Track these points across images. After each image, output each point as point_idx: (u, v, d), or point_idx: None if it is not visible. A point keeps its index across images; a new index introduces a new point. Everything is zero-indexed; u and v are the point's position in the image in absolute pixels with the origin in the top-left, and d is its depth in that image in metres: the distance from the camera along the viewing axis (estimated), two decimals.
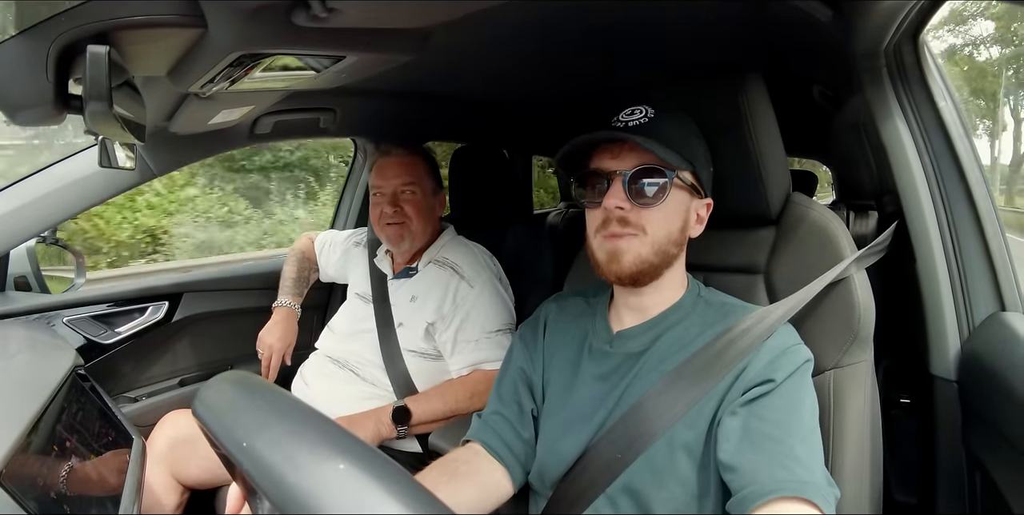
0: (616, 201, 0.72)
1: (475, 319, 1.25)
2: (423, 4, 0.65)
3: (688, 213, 0.77)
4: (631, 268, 0.74)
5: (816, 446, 0.67)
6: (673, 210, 0.75)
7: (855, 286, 0.78)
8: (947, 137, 0.91)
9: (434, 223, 1.39)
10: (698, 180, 0.77)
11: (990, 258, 0.88)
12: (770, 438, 0.64)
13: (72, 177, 1.19)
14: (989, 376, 0.79)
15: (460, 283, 1.28)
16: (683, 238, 0.77)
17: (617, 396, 0.76)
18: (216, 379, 0.38)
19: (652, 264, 0.74)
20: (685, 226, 0.77)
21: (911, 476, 1.00)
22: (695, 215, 0.78)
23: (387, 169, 1.32)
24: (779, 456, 0.63)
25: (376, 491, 0.28)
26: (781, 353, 0.71)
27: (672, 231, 0.75)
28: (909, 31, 0.88)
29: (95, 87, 0.57)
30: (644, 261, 0.74)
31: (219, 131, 1.30)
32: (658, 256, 0.74)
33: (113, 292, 1.47)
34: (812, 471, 0.63)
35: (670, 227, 0.75)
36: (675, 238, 0.76)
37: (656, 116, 0.75)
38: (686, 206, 0.77)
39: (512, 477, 0.82)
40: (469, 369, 1.25)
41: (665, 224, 0.74)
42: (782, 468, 0.62)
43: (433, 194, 1.37)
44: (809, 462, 0.64)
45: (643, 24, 0.98)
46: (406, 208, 1.30)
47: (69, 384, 0.89)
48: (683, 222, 0.77)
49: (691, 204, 0.78)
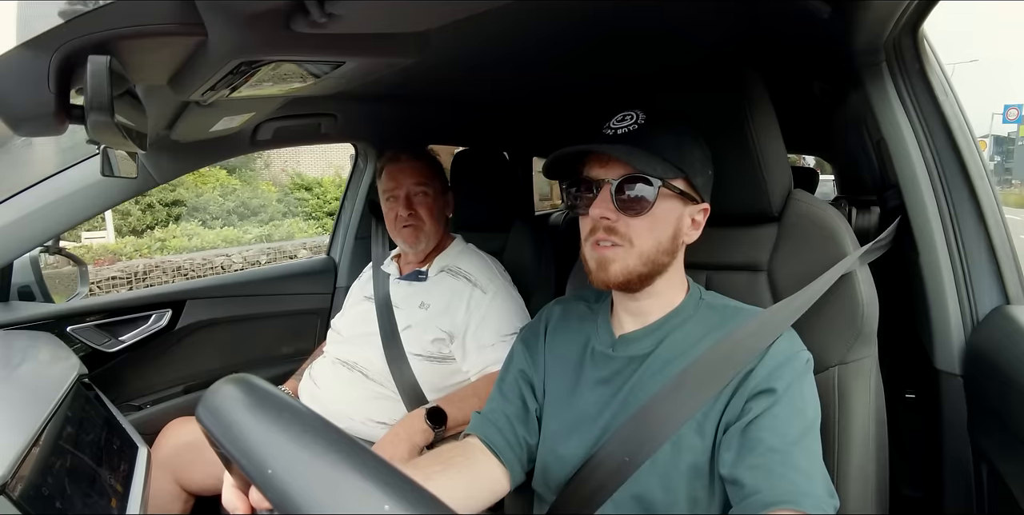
0: (601, 211, 0.72)
1: (489, 323, 1.26)
2: (422, 8, 0.65)
3: (680, 220, 0.76)
4: (617, 277, 0.74)
5: (816, 454, 0.67)
6: (661, 219, 0.73)
7: (858, 282, 0.78)
8: (948, 131, 0.91)
9: (445, 223, 1.41)
10: (692, 186, 0.75)
11: (993, 251, 0.88)
12: (771, 450, 0.64)
13: (74, 186, 1.19)
14: (994, 370, 0.79)
15: (473, 291, 1.29)
16: (674, 246, 0.76)
17: (621, 400, 0.75)
18: (219, 384, 0.38)
19: (640, 274, 0.74)
20: (676, 234, 0.75)
21: (917, 470, 1.00)
22: (689, 221, 0.77)
23: (398, 174, 1.35)
24: (780, 467, 0.63)
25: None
26: (784, 361, 0.70)
27: (661, 240, 0.74)
28: (908, 25, 0.88)
29: (96, 97, 0.57)
30: (631, 271, 0.73)
31: (221, 138, 1.30)
32: (646, 266, 0.74)
33: (116, 300, 1.47)
34: (813, 481, 0.63)
35: (658, 236, 0.74)
36: (664, 247, 0.74)
37: (647, 122, 0.74)
38: (677, 214, 0.75)
39: (510, 475, 0.81)
40: (483, 371, 1.25)
41: (652, 234, 0.73)
42: (782, 479, 0.62)
43: (443, 194, 1.40)
44: (810, 472, 0.64)
45: (643, 25, 0.98)
46: (420, 210, 1.34)
47: (74, 393, 0.90)
48: (673, 230, 0.75)
49: (684, 211, 0.76)
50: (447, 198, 1.42)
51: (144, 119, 0.81)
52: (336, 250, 1.93)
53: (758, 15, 0.94)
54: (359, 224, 1.88)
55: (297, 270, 1.87)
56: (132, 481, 0.86)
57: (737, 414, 0.68)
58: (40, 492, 0.65)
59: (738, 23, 1.00)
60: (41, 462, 0.69)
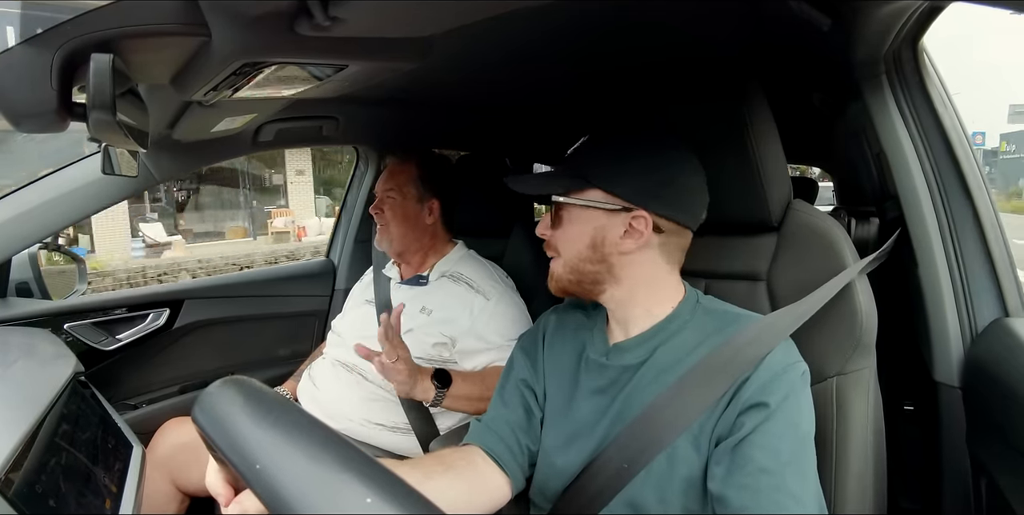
0: (540, 228, 0.82)
1: (493, 326, 1.26)
2: (426, 13, 0.66)
3: (601, 230, 0.76)
4: (554, 286, 0.82)
5: (810, 475, 0.65)
6: (576, 229, 0.77)
7: (857, 292, 0.77)
8: (947, 143, 0.91)
9: (422, 228, 1.39)
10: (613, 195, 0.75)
11: (992, 263, 0.88)
12: (762, 470, 0.63)
13: (74, 184, 1.19)
14: (994, 382, 0.79)
15: (476, 296, 1.30)
16: (599, 255, 0.76)
17: (617, 410, 0.75)
18: (215, 385, 0.38)
19: (569, 281, 0.79)
20: (596, 242, 0.76)
21: (916, 483, 1.00)
22: (620, 230, 0.75)
23: (382, 175, 1.42)
24: (770, 490, 0.62)
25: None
26: (779, 372, 0.69)
27: (579, 249, 0.77)
28: (908, 38, 0.88)
29: (99, 95, 0.58)
30: (562, 279, 0.80)
31: (222, 138, 1.31)
32: (572, 274, 0.78)
33: (114, 298, 1.47)
34: (803, 506, 0.62)
35: (576, 246, 0.77)
36: (585, 255, 0.77)
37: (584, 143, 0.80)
38: (593, 224, 0.76)
39: (512, 483, 0.81)
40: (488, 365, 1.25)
41: (571, 244, 0.78)
42: (772, 503, 0.61)
43: (417, 201, 1.38)
44: (801, 495, 0.63)
45: (647, 36, 0.98)
46: (385, 211, 1.37)
47: (70, 391, 0.89)
48: (591, 239, 0.76)
49: (606, 221, 0.76)
50: (428, 205, 1.39)
51: (146, 118, 0.82)
52: (335, 252, 1.93)
53: (758, 25, 0.94)
54: (359, 227, 1.88)
55: (296, 272, 1.87)
56: (126, 480, 0.86)
57: (729, 428, 0.67)
58: (34, 490, 0.65)
59: (739, 35, 1.00)
60: (35, 460, 0.69)
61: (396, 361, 1.05)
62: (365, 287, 1.48)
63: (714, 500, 0.66)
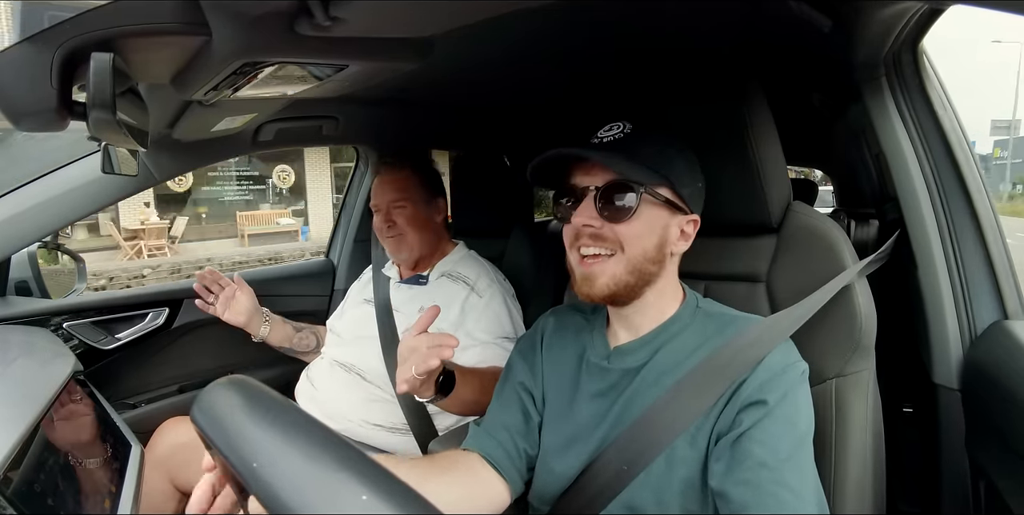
0: (584, 218, 0.72)
1: (482, 323, 1.26)
2: (426, 13, 0.66)
3: (666, 230, 0.75)
4: (603, 290, 0.73)
5: (808, 470, 0.66)
6: (646, 226, 0.73)
7: (856, 294, 0.77)
8: (947, 145, 0.91)
9: (435, 229, 1.41)
10: (679, 196, 0.75)
11: (992, 266, 0.88)
12: (762, 465, 0.63)
13: (74, 182, 1.19)
14: (993, 385, 0.79)
15: (470, 294, 1.30)
16: (660, 256, 0.74)
17: (617, 412, 0.75)
18: (214, 385, 0.38)
19: (628, 284, 0.73)
20: (662, 243, 0.74)
21: (914, 485, 1.00)
22: (677, 231, 0.76)
23: (379, 187, 1.39)
24: (769, 484, 0.62)
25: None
26: (778, 371, 0.69)
27: (647, 248, 0.73)
28: (908, 40, 0.88)
29: (99, 94, 0.58)
30: (619, 281, 0.73)
31: (222, 138, 1.31)
32: (633, 275, 0.73)
33: (114, 298, 1.47)
34: (802, 500, 0.62)
35: (644, 244, 0.73)
36: (651, 256, 0.73)
37: (632, 132, 0.73)
38: (663, 222, 0.74)
39: (510, 488, 0.81)
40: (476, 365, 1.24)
41: (639, 240, 0.72)
42: (772, 497, 0.62)
43: (427, 203, 1.40)
44: (800, 491, 0.63)
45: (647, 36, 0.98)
46: (399, 222, 1.36)
47: (68, 390, 0.89)
48: (659, 239, 0.74)
49: (670, 221, 0.75)
50: (436, 205, 1.42)
51: (146, 117, 0.82)
52: (335, 252, 1.93)
53: (759, 25, 0.94)
54: (358, 227, 1.88)
55: (295, 272, 1.86)
56: (125, 479, 0.86)
57: (729, 425, 0.67)
58: (32, 488, 0.65)
59: (740, 36, 1.00)
60: (34, 458, 0.69)
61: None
62: (363, 286, 1.48)
63: (715, 497, 0.66)
